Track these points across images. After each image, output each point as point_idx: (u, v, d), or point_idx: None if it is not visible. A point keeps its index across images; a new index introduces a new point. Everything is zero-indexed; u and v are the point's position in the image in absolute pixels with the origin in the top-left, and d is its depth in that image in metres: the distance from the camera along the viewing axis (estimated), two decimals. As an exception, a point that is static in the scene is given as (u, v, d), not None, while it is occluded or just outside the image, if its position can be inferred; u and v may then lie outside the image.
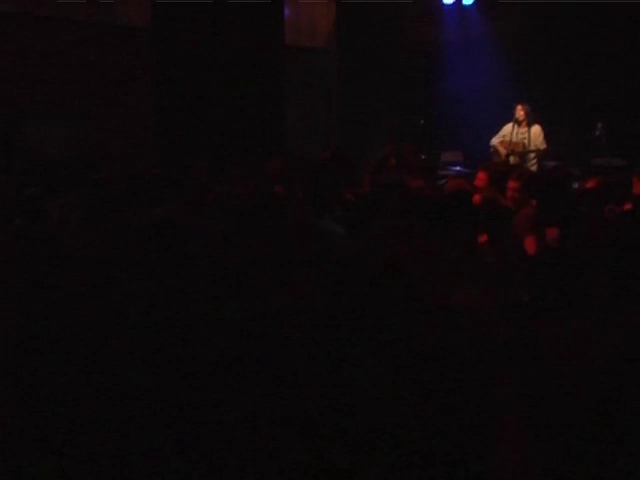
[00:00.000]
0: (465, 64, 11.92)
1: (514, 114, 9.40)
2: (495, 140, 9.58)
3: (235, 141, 9.07)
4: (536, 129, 9.37)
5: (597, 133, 9.53)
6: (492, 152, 9.54)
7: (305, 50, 11.58)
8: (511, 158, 9.26)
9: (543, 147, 9.36)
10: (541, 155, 9.43)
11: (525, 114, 9.35)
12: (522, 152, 9.32)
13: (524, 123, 9.36)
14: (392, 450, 2.04)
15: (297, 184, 5.24)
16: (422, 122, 11.47)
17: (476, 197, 5.45)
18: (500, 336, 2.34)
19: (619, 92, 10.82)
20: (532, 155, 9.37)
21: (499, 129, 9.62)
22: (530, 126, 9.35)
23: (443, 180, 8.06)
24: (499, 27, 12.07)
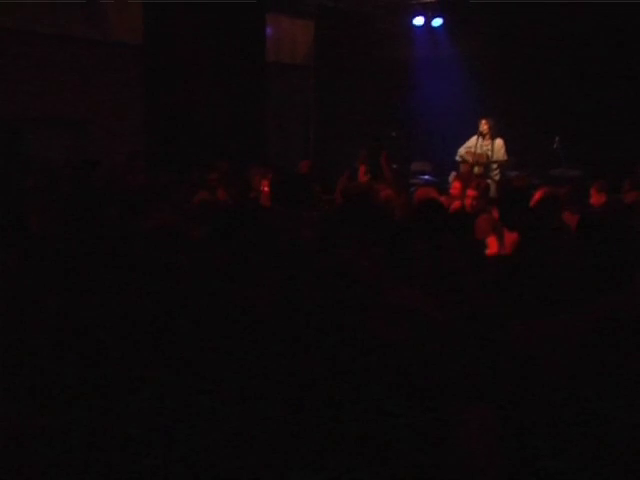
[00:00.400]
0: (434, 81, 12.15)
1: (478, 127, 9.68)
2: (462, 151, 9.82)
3: (219, 150, 9.25)
4: (499, 142, 9.65)
5: (555, 146, 9.81)
6: (459, 162, 9.80)
7: (285, 66, 11.66)
8: (475, 168, 9.50)
9: (504, 159, 9.61)
10: (503, 166, 9.65)
11: (489, 128, 9.64)
12: (485, 163, 9.55)
13: (487, 136, 9.63)
14: (358, 439, 2.06)
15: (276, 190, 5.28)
16: (393, 134, 11.61)
17: (456, 203, 5.98)
18: (438, 329, 2.33)
19: (575, 108, 10.90)
20: (494, 166, 9.60)
21: (465, 141, 9.86)
22: (493, 139, 9.64)
23: (412, 188, 8.30)
24: (465, 47, 12.18)
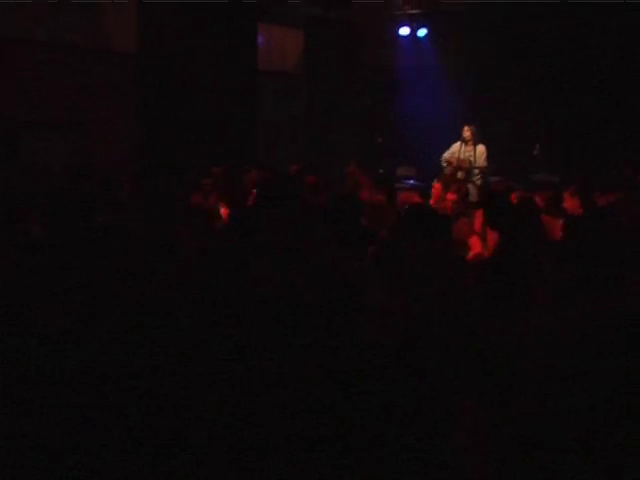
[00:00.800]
0: (418, 88, 12.29)
1: (462, 134, 9.93)
2: (446, 156, 9.98)
3: (212, 155, 9.38)
4: (481, 148, 9.87)
5: (535, 152, 10.10)
6: (444, 167, 9.91)
7: (276, 74, 11.74)
8: (458, 173, 9.71)
9: (485, 165, 9.83)
10: (485, 171, 9.88)
11: (471, 134, 9.87)
12: (468, 168, 9.79)
13: (470, 142, 9.86)
14: (352, 435, 2.12)
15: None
16: (380, 140, 11.89)
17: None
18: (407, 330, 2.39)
19: (555, 117, 11.15)
20: (476, 171, 9.83)
21: (448, 147, 10.05)
22: (476, 145, 9.86)
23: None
24: (448, 56, 12.49)
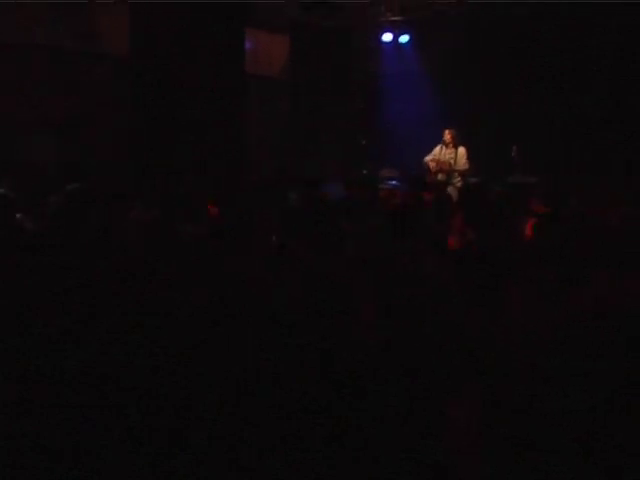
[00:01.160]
0: (400, 92, 12.52)
1: (442, 137, 10.14)
2: (428, 158, 10.18)
3: (201, 156, 9.74)
4: (461, 150, 10.09)
5: (513, 154, 10.14)
6: (425, 169, 10.13)
7: (262, 78, 11.85)
8: (439, 175, 10.02)
9: (466, 167, 10.06)
10: (465, 173, 10.11)
11: (452, 137, 10.08)
12: (449, 170, 10.05)
13: (451, 145, 10.08)
14: (344, 426, 2.13)
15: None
16: (364, 142, 12.09)
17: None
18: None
19: (532, 119, 11.27)
20: (457, 173, 10.08)
21: (430, 150, 10.22)
22: (456, 148, 10.08)
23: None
24: (429, 62, 12.56)
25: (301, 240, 3.85)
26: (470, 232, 4.63)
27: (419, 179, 8.35)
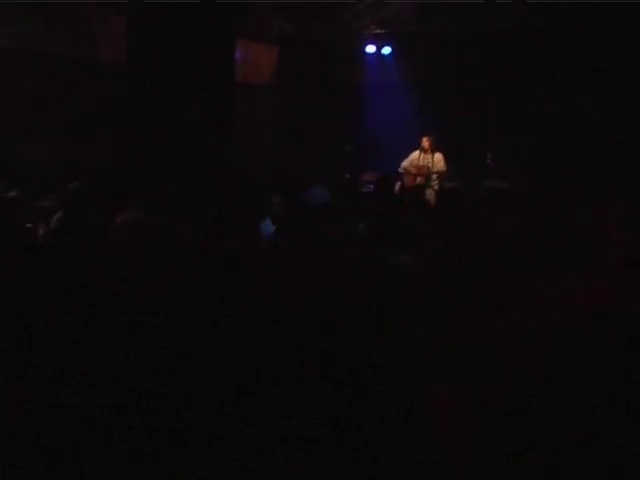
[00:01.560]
0: (382, 101, 12.80)
1: (421, 143, 10.51)
2: (405, 163, 10.58)
3: (192, 160, 9.89)
4: (438, 156, 10.46)
5: (487, 161, 10.56)
6: (403, 173, 10.55)
7: (251, 86, 12.01)
8: (418, 179, 10.43)
9: (443, 170, 10.45)
10: (442, 176, 10.45)
11: (429, 144, 10.45)
12: (427, 174, 10.46)
13: (428, 151, 10.45)
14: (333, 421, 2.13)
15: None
16: (347, 148, 12.37)
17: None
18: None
19: (506, 128, 11.63)
20: (434, 176, 10.45)
21: (408, 155, 10.63)
22: (433, 153, 10.45)
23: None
24: (410, 72, 12.93)
25: (292, 242, 3.88)
26: (447, 234, 4.66)
27: (386, 180, 8.62)
